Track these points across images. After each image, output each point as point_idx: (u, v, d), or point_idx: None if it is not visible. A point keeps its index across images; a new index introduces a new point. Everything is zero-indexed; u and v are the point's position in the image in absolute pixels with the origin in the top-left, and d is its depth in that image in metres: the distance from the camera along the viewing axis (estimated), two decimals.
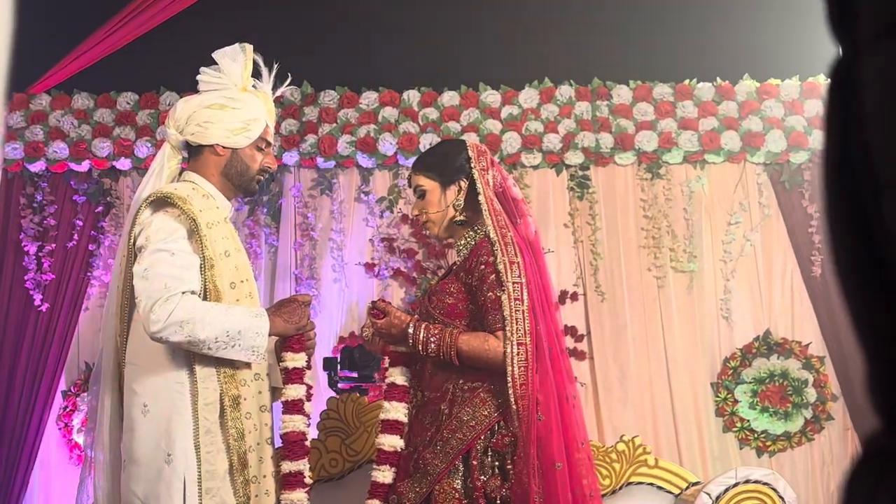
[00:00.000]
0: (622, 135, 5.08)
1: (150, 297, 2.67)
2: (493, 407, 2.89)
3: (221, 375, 2.78)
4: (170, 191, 2.84)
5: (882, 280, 0.59)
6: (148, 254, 2.73)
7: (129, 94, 5.12)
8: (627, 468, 4.29)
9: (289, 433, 2.92)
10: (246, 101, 2.98)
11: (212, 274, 2.78)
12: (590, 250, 5.07)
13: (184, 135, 2.96)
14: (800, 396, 4.95)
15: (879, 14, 0.59)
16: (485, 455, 2.88)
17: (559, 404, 2.91)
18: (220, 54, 3.00)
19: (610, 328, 5.02)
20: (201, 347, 2.69)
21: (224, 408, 2.78)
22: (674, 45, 5.22)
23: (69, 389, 5.01)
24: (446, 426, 2.90)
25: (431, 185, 3.08)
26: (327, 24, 5.27)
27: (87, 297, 5.02)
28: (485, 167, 3.06)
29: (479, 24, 5.28)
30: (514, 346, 2.84)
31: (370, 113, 5.12)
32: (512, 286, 2.87)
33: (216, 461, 2.77)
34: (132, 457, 2.79)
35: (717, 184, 5.15)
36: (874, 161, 0.59)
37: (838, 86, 0.62)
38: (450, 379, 2.95)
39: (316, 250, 5.08)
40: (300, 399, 2.93)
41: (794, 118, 5.08)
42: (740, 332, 5.05)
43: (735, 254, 5.09)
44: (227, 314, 2.72)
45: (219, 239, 2.84)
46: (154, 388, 2.79)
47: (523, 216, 3.10)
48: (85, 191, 5.05)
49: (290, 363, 2.93)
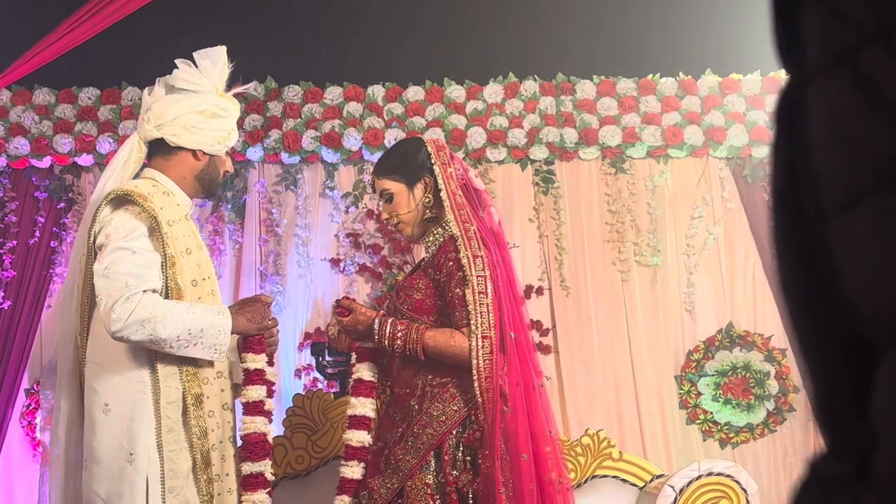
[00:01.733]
0: (586, 130, 5.10)
1: (111, 296, 2.65)
2: (463, 402, 2.90)
3: (184, 374, 2.77)
4: (130, 188, 2.82)
5: (825, 304, 0.60)
6: (108, 252, 2.71)
7: (90, 89, 5.08)
8: (592, 461, 4.31)
9: (249, 434, 2.90)
10: (229, 111, 2.99)
11: (173, 272, 2.76)
12: (554, 245, 5.09)
13: (162, 133, 2.93)
14: (762, 388, 5.01)
15: (827, 43, 0.60)
16: (456, 450, 2.89)
17: (526, 394, 2.92)
18: (200, 55, 2.97)
19: (575, 322, 5.05)
20: (163, 346, 2.68)
21: (187, 406, 2.77)
22: (637, 41, 5.25)
23: (32, 387, 4.97)
24: (417, 422, 2.90)
25: (398, 187, 3.07)
26: (291, 18, 5.24)
27: (50, 294, 4.98)
28: (445, 162, 3.05)
29: (444, 20, 5.28)
30: (479, 340, 2.85)
31: (335, 108, 5.11)
32: (476, 280, 2.88)
33: (179, 459, 2.76)
34: (94, 456, 2.77)
35: (680, 178, 5.19)
36: (820, 190, 0.59)
37: (785, 113, 0.63)
38: (419, 375, 2.96)
39: (281, 246, 5.06)
40: (261, 400, 2.91)
41: (756, 113, 5.13)
42: (703, 325, 5.09)
43: (698, 247, 5.14)
44: (189, 312, 2.71)
45: (179, 236, 2.83)
46: (115, 387, 2.77)
47: (486, 207, 3.09)
48: (46, 187, 5.00)
49: (251, 364, 2.92)
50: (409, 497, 2.86)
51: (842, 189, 0.58)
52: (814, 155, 0.60)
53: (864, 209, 0.57)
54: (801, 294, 0.62)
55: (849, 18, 0.58)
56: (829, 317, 0.60)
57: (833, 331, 0.60)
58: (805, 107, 0.61)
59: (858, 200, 0.57)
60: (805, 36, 0.62)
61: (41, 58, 4.87)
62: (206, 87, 2.96)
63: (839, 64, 0.59)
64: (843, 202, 0.58)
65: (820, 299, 0.61)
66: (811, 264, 0.61)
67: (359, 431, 3.04)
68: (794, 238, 0.62)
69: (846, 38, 0.58)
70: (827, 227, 0.59)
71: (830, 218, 0.59)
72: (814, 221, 0.60)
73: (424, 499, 2.85)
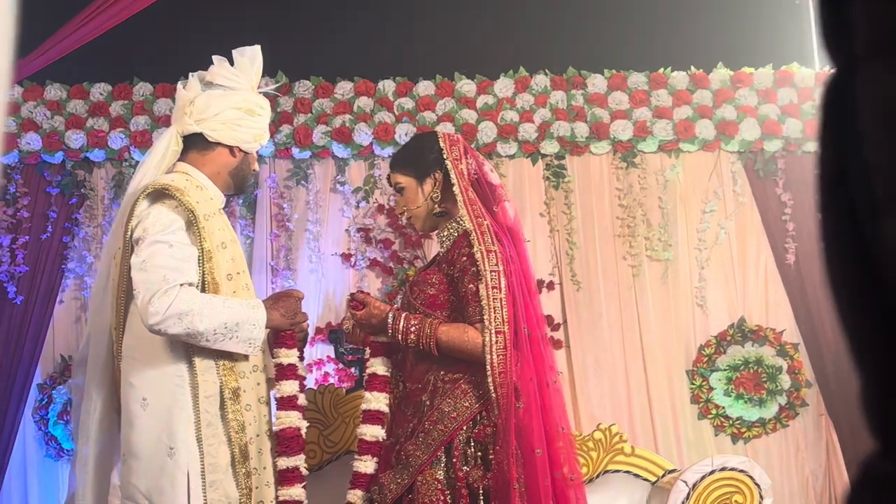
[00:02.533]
0: (597, 124, 5.09)
1: (149, 290, 2.65)
2: (474, 398, 2.90)
3: (221, 368, 2.78)
4: (167, 182, 2.83)
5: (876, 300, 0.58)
6: (146, 245, 2.72)
7: (102, 84, 5.08)
8: (604, 456, 4.31)
9: (284, 429, 2.91)
10: (265, 110, 3.03)
11: (210, 266, 2.77)
12: (565, 239, 5.08)
13: (202, 128, 2.94)
14: (774, 383, 4.99)
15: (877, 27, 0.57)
16: (467, 445, 2.88)
17: (539, 390, 2.91)
18: (239, 52, 3.01)
19: (586, 317, 5.04)
20: (199, 339, 2.69)
21: (224, 400, 2.78)
22: (648, 35, 5.24)
23: (45, 382, 4.98)
24: (428, 417, 2.90)
25: (408, 181, 3.09)
26: (301, 14, 5.24)
27: (62, 289, 4.98)
28: (458, 157, 3.05)
29: (455, 14, 5.27)
30: (493, 335, 2.84)
31: (345, 103, 5.10)
32: (489, 275, 2.87)
33: (218, 453, 2.76)
34: (132, 451, 2.77)
35: (691, 172, 5.18)
36: (872, 180, 0.57)
37: (833, 101, 0.61)
38: (430, 370, 2.96)
39: (292, 241, 5.06)
40: (294, 395, 2.92)
41: (767, 107, 5.11)
42: (715, 320, 5.08)
43: (709, 242, 5.12)
44: (225, 306, 2.72)
45: (215, 230, 2.84)
46: (153, 382, 2.78)
47: (500, 202, 3.09)
48: (58, 182, 5.01)
49: (284, 359, 2.93)
50: (420, 493, 2.86)
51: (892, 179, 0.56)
52: (863, 144, 0.58)
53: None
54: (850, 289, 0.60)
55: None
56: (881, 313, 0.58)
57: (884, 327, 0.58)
58: (853, 94, 0.58)
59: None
60: (853, 21, 0.60)
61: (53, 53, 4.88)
62: (243, 85, 2.97)
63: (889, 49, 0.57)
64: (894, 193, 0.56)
65: (870, 295, 0.58)
66: (862, 258, 0.58)
67: (372, 426, 3.04)
68: (844, 231, 0.59)
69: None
70: (880, 218, 0.57)
71: (882, 210, 0.57)
72: (865, 214, 0.58)
73: (435, 494, 2.84)
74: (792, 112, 5.10)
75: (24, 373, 4.86)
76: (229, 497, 2.77)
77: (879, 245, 0.57)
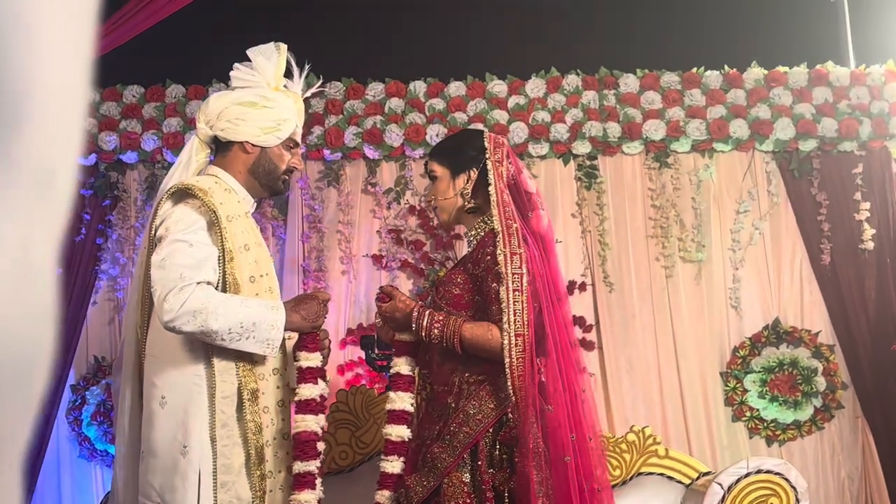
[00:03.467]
0: (630, 124, 5.06)
1: (165, 287, 2.65)
2: (499, 400, 2.88)
3: (240, 369, 2.77)
4: (191, 182, 2.83)
5: None
6: (167, 244, 2.72)
7: (134, 87, 5.11)
8: (638, 458, 4.28)
9: (301, 433, 2.88)
10: (278, 101, 2.96)
11: (231, 267, 2.76)
12: (598, 240, 5.05)
13: (214, 130, 2.95)
14: (809, 385, 4.94)
15: None
16: (493, 448, 2.87)
17: (570, 398, 2.89)
18: (254, 52, 2.98)
19: (619, 318, 5.01)
20: (214, 338, 2.67)
21: (242, 401, 2.77)
22: (681, 34, 5.20)
23: (78, 383, 5.01)
24: (453, 420, 2.88)
25: (442, 171, 3.09)
26: (332, 15, 5.25)
27: (95, 290, 5.02)
28: (499, 159, 3.04)
29: (485, 14, 5.26)
30: (513, 337, 2.83)
31: (376, 104, 5.10)
32: (511, 277, 2.86)
33: (232, 455, 2.76)
34: (150, 448, 2.78)
35: (725, 172, 5.14)
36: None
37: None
38: (455, 372, 2.94)
39: (323, 242, 5.07)
40: (313, 399, 2.89)
41: (802, 106, 5.06)
42: (749, 321, 5.04)
43: (744, 243, 5.08)
44: (243, 306, 2.71)
45: (238, 232, 2.83)
46: (172, 380, 2.78)
47: (535, 209, 3.07)
48: (92, 184, 5.04)
49: (305, 362, 2.90)
50: (446, 495, 2.85)
51: None
52: None
53: None
54: None
55: None
56: None
57: None
58: None
59: None
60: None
61: None
62: (258, 82, 2.96)
63: None
64: None
65: None
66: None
67: (398, 426, 3.03)
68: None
69: None
70: None
71: None
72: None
73: (461, 497, 2.83)
74: (827, 111, 5.05)
75: (57, 374, 4.88)
76: (241, 499, 2.76)
77: None
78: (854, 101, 5.06)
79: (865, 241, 4.99)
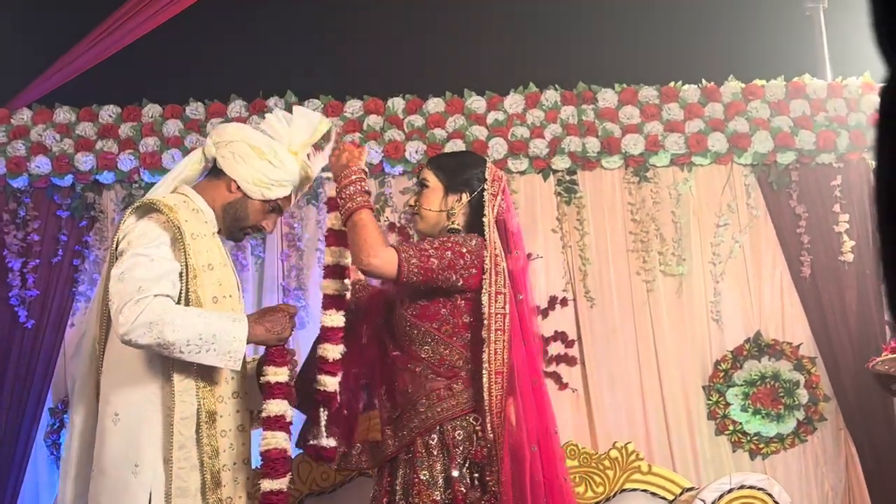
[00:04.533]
0: (608, 139, 5.06)
1: (122, 299, 2.61)
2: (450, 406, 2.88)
3: (200, 390, 2.73)
4: (157, 198, 2.81)
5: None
6: (128, 257, 2.68)
7: (111, 106, 5.07)
8: (621, 475, 4.27)
9: (270, 450, 2.82)
10: (286, 164, 2.93)
11: (194, 284, 2.72)
12: (578, 255, 5.05)
13: (217, 153, 2.93)
14: (792, 398, 4.94)
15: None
16: (464, 467, 2.86)
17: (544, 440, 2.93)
18: (299, 111, 3.00)
19: (600, 333, 5.00)
20: (172, 350, 2.61)
21: (200, 423, 2.71)
22: (658, 48, 5.22)
23: (56, 406, 4.95)
24: (406, 411, 2.89)
25: (436, 183, 3.09)
26: (309, 32, 5.24)
27: (73, 312, 4.97)
28: (495, 193, 3.05)
29: (463, 30, 5.26)
30: (492, 375, 2.84)
31: (355, 121, 5.08)
32: (495, 317, 2.87)
33: (189, 478, 2.70)
34: (100, 466, 2.73)
35: (704, 186, 5.14)
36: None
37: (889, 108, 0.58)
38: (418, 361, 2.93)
39: (303, 261, 5.04)
40: (282, 415, 2.83)
41: (780, 119, 5.07)
42: (731, 335, 5.03)
43: (724, 256, 5.08)
44: (201, 317, 2.65)
45: (203, 251, 2.79)
46: (126, 398, 2.73)
47: (513, 251, 3.06)
48: (68, 205, 5.00)
49: (273, 377, 2.85)
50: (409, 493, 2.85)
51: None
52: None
53: None
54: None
55: None
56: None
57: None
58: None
59: None
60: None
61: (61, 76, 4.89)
62: (282, 136, 2.95)
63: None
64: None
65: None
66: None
67: (333, 345, 2.99)
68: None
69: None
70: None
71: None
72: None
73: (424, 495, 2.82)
74: (804, 124, 5.06)
75: (35, 397, 4.84)
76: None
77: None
78: (831, 114, 5.08)
79: (845, 252, 5.00)
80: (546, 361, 4.95)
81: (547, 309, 4.99)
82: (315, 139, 2.98)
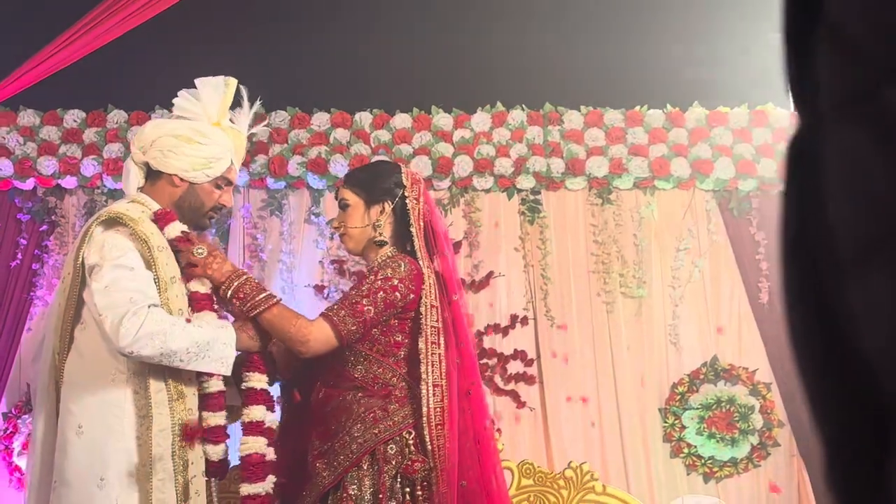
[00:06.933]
0: (573, 160, 5.09)
1: (117, 312, 2.61)
2: (386, 427, 2.89)
3: (173, 402, 2.73)
4: (122, 211, 2.81)
5: (840, 363, 0.56)
6: (107, 270, 2.68)
7: (75, 111, 5.05)
8: (575, 494, 4.28)
9: (250, 455, 2.83)
10: (214, 138, 2.93)
11: (165, 297, 2.74)
12: (540, 275, 5.07)
13: (146, 157, 2.92)
14: (746, 422, 4.98)
15: (842, 84, 0.55)
16: (394, 480, 2.86)
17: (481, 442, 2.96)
18: (202, 82, 2.95)
19: (559, 353, 5.02)
20: (173, 359, 2.64)
21: (174, 436, 2.72)
22: (625, 72, 5.25)
23: (10, 412, 4.90)
24: (338, 439, 2.88)
25: (356, 200, 3.06)
26: (278, 44, 5.23)
27: (30, 317, 4.92)
28: (416, 196, 3.04)
29: (432, 48, 5.27)
30: (431, 387, 2.85)
31: (321, 134, 5.09)
32: (430, 330, 2.89)
33: (166, 489, 2.70)
34: (63, 478, 2.71)
35: (666, 210, 5.18)
36: (837, 241, 0.55)
37: (796, 158, 0.58)
38: (347, 387, 2.93)
39: (265, 272, 5.03)
40: (262, 420, 2.85)
41: (742, 146, 5.13)
42: (688, 358, 5.07)
43: (683, 280, 5.12)
44: (194, 325, 2.69)
45: (169, 263, 2.80)
46: (90, 409, 2.72)
47: (440, 252, 3.07)
48: (29, 209, 4.96)
49: (256, 384, 2.87)
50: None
51: (856, 241, 0.54)
52: (827, 203, 0.55)
53: (880, 263, 0.53)
54: (813, 350, 0.58)
55: (866, 59, 0.54)
56: (845, 377, 0.55)
57: (849, 393, 0.55)
58: (817, 152, 0.56)
59: (874, 253, 0.53)
60: (819, 77, 0.58)
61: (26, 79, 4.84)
62: (199, 115, 2.93)
63: (855, 107, 0.54)
64: (858, 256, 0.53)
65: (834, 358, 0.56)
66: (825, 320, 0.56)
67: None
68: (807, 292, 0.57)
69: (863, 79, 0.54)
70: (842, 281, 0.55)
71: (845, 272, 0.54)
72: (828, 275, 0.56)
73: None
74: (766, 152, 5.12)
75: None
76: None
77: (843, 307, 0.55)
78: None
79: None
80: (504, 380, 4.96)
81: (507, 327, 5.01)
82: (228, 100, 2.98)
